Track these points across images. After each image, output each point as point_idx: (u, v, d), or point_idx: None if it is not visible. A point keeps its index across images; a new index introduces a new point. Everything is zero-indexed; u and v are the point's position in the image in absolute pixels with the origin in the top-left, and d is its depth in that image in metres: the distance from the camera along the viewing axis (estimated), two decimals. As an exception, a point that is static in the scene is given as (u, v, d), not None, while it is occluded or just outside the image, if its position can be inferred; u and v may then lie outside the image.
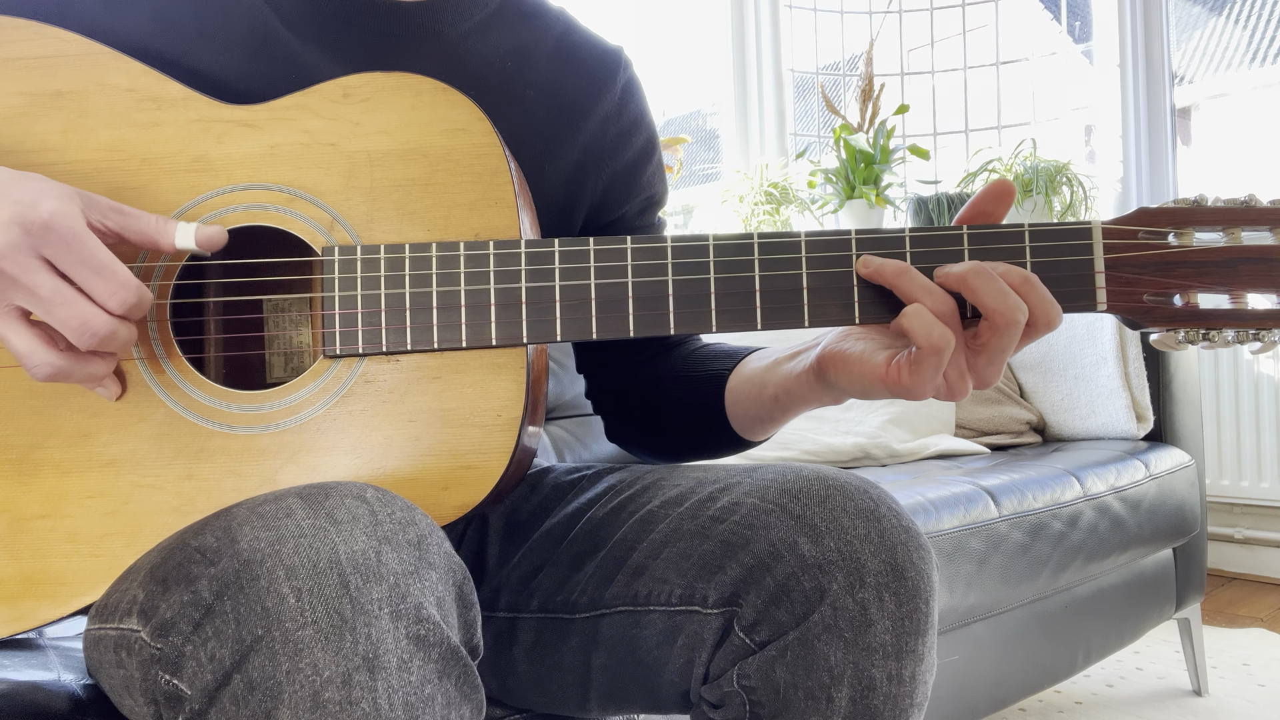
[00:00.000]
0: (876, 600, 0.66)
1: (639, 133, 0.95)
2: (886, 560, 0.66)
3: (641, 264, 0.69)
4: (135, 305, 0.61)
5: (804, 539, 0.67)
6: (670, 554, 0.73)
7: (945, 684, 1.44)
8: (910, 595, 0.66)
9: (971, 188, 2.72)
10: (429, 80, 0.72)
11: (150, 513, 0.67)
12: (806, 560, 0.66)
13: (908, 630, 0.66)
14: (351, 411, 0.69)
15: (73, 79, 0.71)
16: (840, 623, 0.65)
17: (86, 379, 0.64)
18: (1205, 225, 0.69)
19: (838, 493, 0.69)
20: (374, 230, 0.70)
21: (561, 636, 0.79)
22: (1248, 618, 2.44)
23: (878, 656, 0.65)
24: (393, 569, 0.53)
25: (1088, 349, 2.03)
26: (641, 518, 0.77)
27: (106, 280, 0.60)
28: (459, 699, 0.55)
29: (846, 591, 0.66)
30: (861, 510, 0.68)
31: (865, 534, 0.67)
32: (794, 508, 0.69)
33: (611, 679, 0.77)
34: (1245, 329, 0.68)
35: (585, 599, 0.77)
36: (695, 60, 3.37)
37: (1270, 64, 3.51)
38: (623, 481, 0.83)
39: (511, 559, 0.86)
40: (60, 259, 0.59)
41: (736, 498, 0.72)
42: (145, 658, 0.54)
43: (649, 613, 0.73)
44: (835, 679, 0.65)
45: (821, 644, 0.65)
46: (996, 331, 0.65)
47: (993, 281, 0.64)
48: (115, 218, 0.64)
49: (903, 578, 0.66)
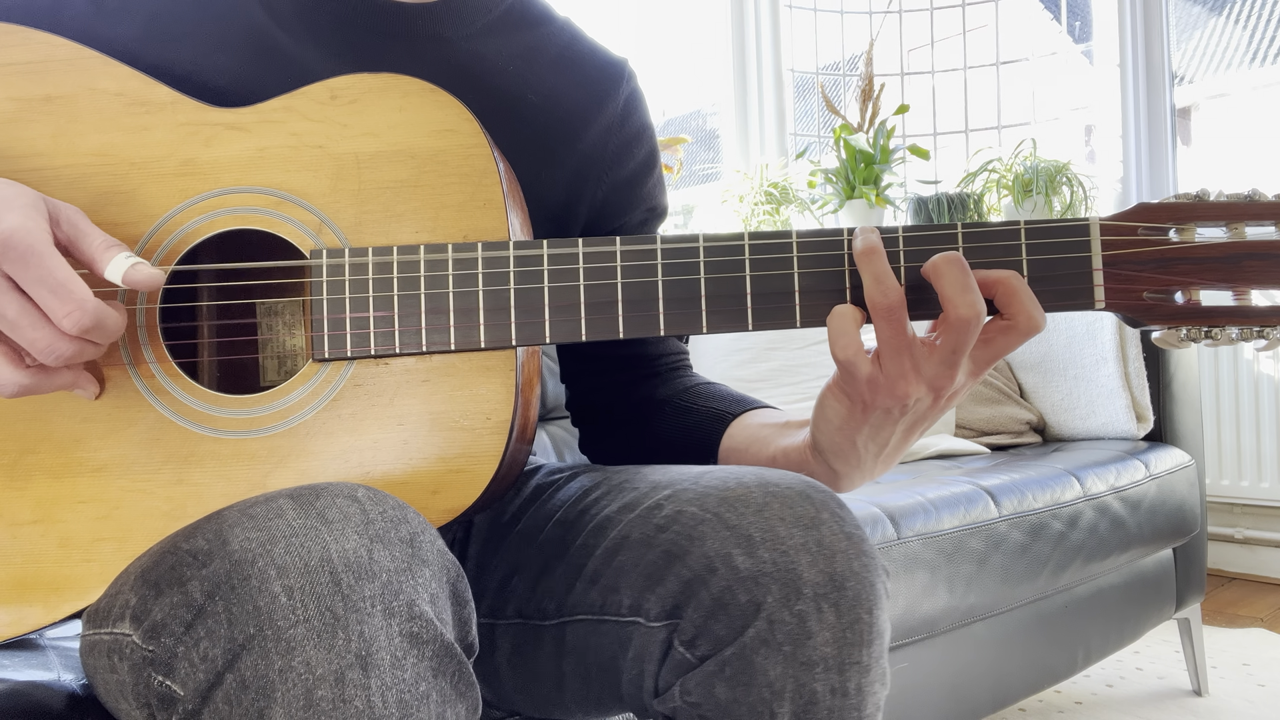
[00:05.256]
0: (815, 612, 0.63)
1: (641, 145, 0.94)
2: (825, 570, 0.64)
3: (630, 265, 0.69)
4: (92, 327, 0.59)
5: (738, 550, 0.65)
6: (621, 562, 0.71)
7: (945, 684, 1.44)
8: (851, 605, 0.64)
9: (971, 188, 2.71)
10: (416, 81, 0.72)
11: (141, 518, 0.67)
12: (740, 573, 0.64)
13: (850, 641, 0.63)
14: (341, 415, 0.68)
15: (62, 84, 0.71)
16: (778, 636, 0.63)
17: (57, 390, 0.64)
18: (1207, 221, 0.68)
19: (776, 500, 0.66)
20: (362, 233, 0.70)
21: (536, 643, 0.78)
22: (1248, 618, 2.43)
23: (819, 670, 0.63)
24: (385, 567, 0.53)
25: (1088, 349, 2.03)
26: (599, 523, 0.75)
27: (62, 300, 0.58)
28: (454, 696, 0.54)
29: (782, 604, 0.63)
30: (800, 518, 0.65)
31: (803, 543, 0.64)
32: (730, 517, 0.66)
33: (584, 685, 0.76)
34: (1249, 326, 0.67)
35: (553, 606, 0.76)
36: (695, 60, 3.37)
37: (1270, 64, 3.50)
38: (593, 484, 0.82)
39: (490, 563, 0.85)
40: (19, 276, 0.58)
41: (679, 505, 0.69)
42: (137, 660, 0.54)
43: (604, 622, 0.72)
44: (776, 694, 0.63)
45: (760, 659, 0.63)
46: (949, 325, 0.64)
47: (961, 275, 0.64)
48: (70, 231, 0.63)
49: (842, 588, 0.64)
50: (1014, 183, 2.63)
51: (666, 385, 0.94)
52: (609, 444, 0.98)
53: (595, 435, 1.00)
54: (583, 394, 0.99)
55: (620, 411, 0.96)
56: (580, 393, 0.99)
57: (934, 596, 1.35)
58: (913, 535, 1.34)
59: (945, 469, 1.78)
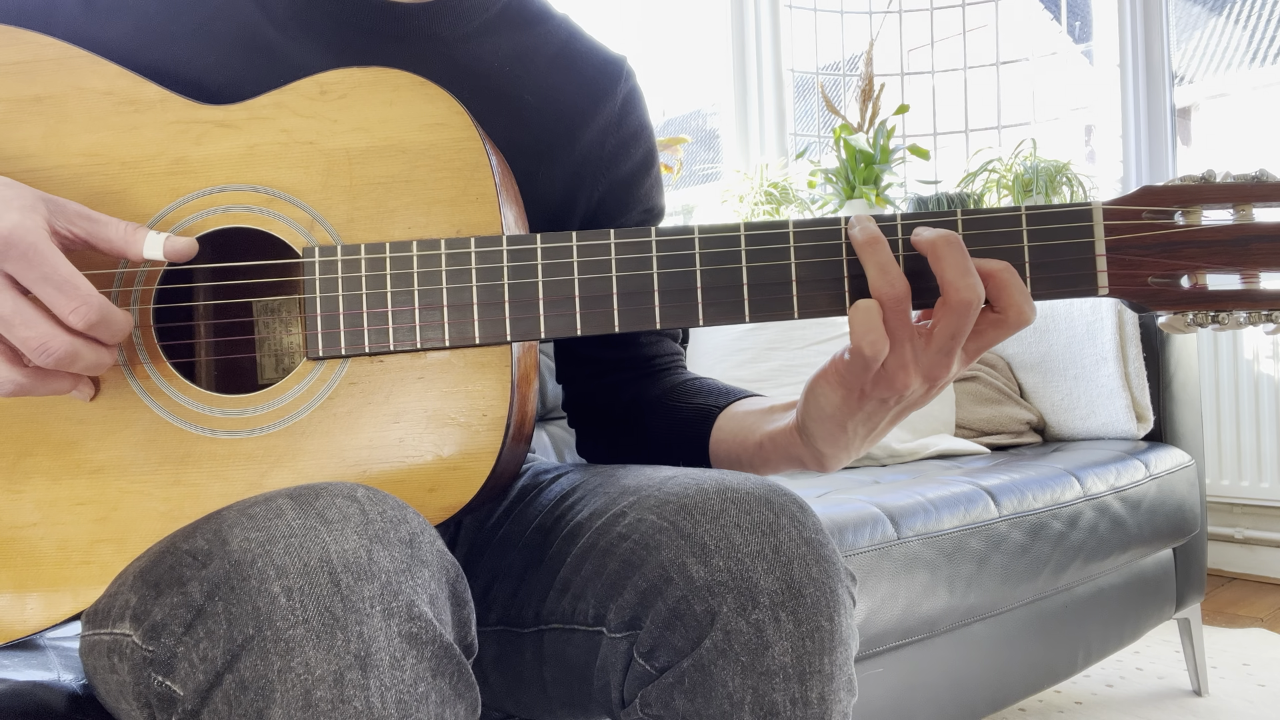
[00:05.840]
0: (773, 621, 0.62)
1: (639, 144, 0.94)
2: (782, 578, 0.62)
3: (625, 258, 0.68)
4: (98, 322, 0.60)
5: (693, 560, 0.63)
6: (587, 571, 0.70)
7: (945, 684, 1.44)
8: (810, 613, 0.62)
9: (971, 188, 2.71)
10: (406, 75, 0.71)
11: (139, 519, 0.67)
12: (695, 583, 0.63)
13: (809, 650, 0.62)
14: (336, 414, 0.68)
15: (51, 83, 0.71)
16: (735, 647, 0.61)
17: (51, 393, 0.64)
18: (1213, 203, 0.66)
19: (734, 507, 0.65)
20: (354, 229, 0.70)
21: (517, 650, 0.78)
22: (1248, 618, 2.43)
23: (778, 680, 0.61)
24: (384, 567, 0.53)
25: (1088, 349, 2.03)
26: (571, 530, 0.74)
27: (68, 296, 0.59)
28: (453, 697, 0.54)
29: (738, 613, 0.62)
30: (756, 525, 0.64)
31: (759, 550, 0.63)
32: (686, 525, 0.65)
33: (566, 691, 0.75)
34: (1257, 310, 0.65)
35: (530, 613, 0.76)
36: (695, 60, 3.38)
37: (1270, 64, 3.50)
38: (572, 487, 0.81)
39: (475, 568, 0.85)
40: (21, 274, 0.58)
41: (640, 513, 0.68)
42: (137, 660, 0.54)
43: (575, 631, 0.71)
44: (735, 705, 0.61)
45: (718, 670, 0.61)
46: (949, 309, 0.63)
47: (961, 257, 0.63)
48: (83, 224, 0.63)
49: (800, 595, 0.62)
50: (1014, 183, 2.63)
51: (656, 385, 0.94)
52: (603, 445, 0.98)
53: (590, 436, 1.00)
54: (577, 395, 0.99)
55: (613, 412, 0.96)
56: (575, 394, 0.99)
57: (934, 596, 1.35)
58: (913, 535, 1.34)
59: (945, 469, 1.78)
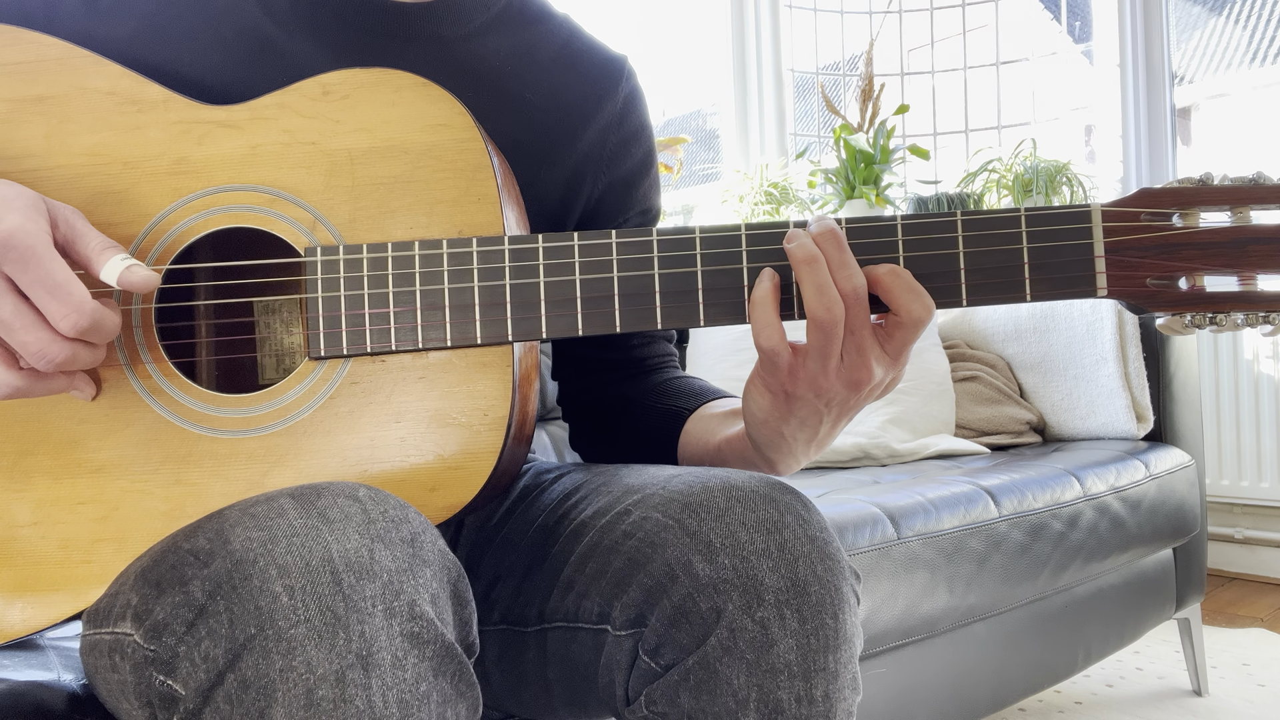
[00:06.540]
0: (778, 618, 0.62)
1: (639, 144, 0.94)
2: (787, 576, 0.63)
3: (627, 258, 0.69)
4: (90, 329, 0.60)
5: (698, 558, 0.63)
6: (591, 570, 0.70)
7: (945, 684, 1.44)
8: (815, 611, 0.62)
9: (971, 188, 2.71)
10: (409, 75, 0.71)
11: (140, 518, 0.67)
12: (701, 580, 0.63)
13: (814, 648, 0.62)
14: (338, 414, 0.68)
15: (53, 83, 0.71)
16: (740, 644, 0.62)
17: (47, 393, 0.64)
18: (1211, 205, 0.67)
19: (739, 505, 0.65)
20: (356, 229, 0.70)
21: (520, 649, 0.78)
22: (1248, 618, 2.43)
23: (783, 677, 0.61)
24: (386, 567, 0.53)
25: (1088, 349, 2.03)
26: (574, 529, 0.74)
27: (60, 302, 0.58)
28: (454, 696, 0.54)
29: (744, 611, 0.62)
30: (762, 523, 0.64)
31: (764, 549, 0.63)
32: (691, 524, 0.65)
33: (568, 691, 0.75)
34: (1255, 311, 0.66)
35: (533, 612, 0.76)
36: (695, 60, 3.38)
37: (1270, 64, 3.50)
38: (575, 486, 0.81)
39: (477, 567, 0.85)
40: (18, 277, 0.58)
41: (645, 511, 0.68)
42: (139, 660, 0.54)
43: (579, 630, 0.71)
44: (740, 703, 0.61)
45: (723, 667, 0.62)
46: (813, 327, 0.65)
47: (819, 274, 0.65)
48: (68, 231, 0.63)
49: (805, 593, 0.62)
50: (1014, 183, 2.63)
51: (642, 384, 0.95)
52: (592, 442, 0.99)
53: (580, 433, 1.01)
54: (570, 392, 1.00)
55: (600, 409, 0.96)
56: (568, 391, 1.00)
57: (934, 596, 1.35)
58: (913, 535, 1.34)
59: (945, 469, 1.78)
